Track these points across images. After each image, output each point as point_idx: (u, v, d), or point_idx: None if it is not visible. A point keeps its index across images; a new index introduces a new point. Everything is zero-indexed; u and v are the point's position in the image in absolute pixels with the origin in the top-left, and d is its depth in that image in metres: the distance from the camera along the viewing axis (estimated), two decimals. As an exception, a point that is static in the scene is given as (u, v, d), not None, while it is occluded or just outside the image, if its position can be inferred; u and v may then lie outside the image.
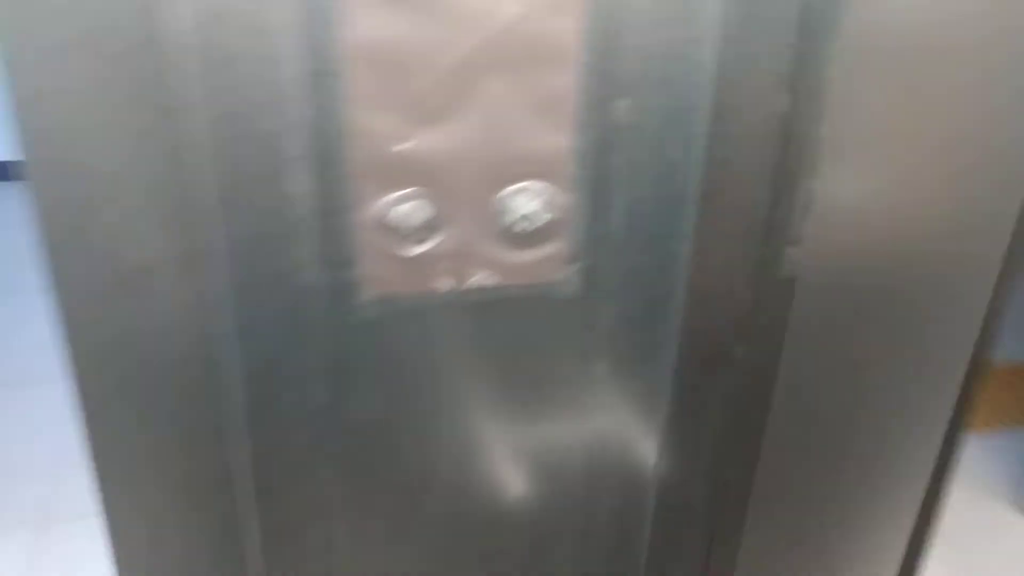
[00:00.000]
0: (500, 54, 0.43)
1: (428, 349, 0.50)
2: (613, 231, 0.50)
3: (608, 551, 0.63)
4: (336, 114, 0.43)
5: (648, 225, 0.50)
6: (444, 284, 0.48)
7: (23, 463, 2.07)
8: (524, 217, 0.47)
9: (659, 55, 0.46)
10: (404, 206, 0.46)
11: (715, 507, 0.62)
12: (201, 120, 0.41)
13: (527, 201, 0.47)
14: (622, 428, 0.58)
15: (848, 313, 0.55)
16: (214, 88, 0.41)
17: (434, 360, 0.51)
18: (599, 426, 0.57)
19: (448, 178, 0.46)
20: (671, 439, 0.59)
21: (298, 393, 0.49)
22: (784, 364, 0.55)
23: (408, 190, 0.45)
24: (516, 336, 0.52)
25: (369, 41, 0.41)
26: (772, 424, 0.57)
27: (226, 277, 0.45)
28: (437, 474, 0.55)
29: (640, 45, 0.45)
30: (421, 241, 0.47)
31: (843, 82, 0.47)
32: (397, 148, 0.44)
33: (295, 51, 0.41)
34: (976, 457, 2.01)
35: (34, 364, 2.45)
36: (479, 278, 0.49)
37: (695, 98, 0.48)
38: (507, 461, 0.56)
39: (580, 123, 0.46)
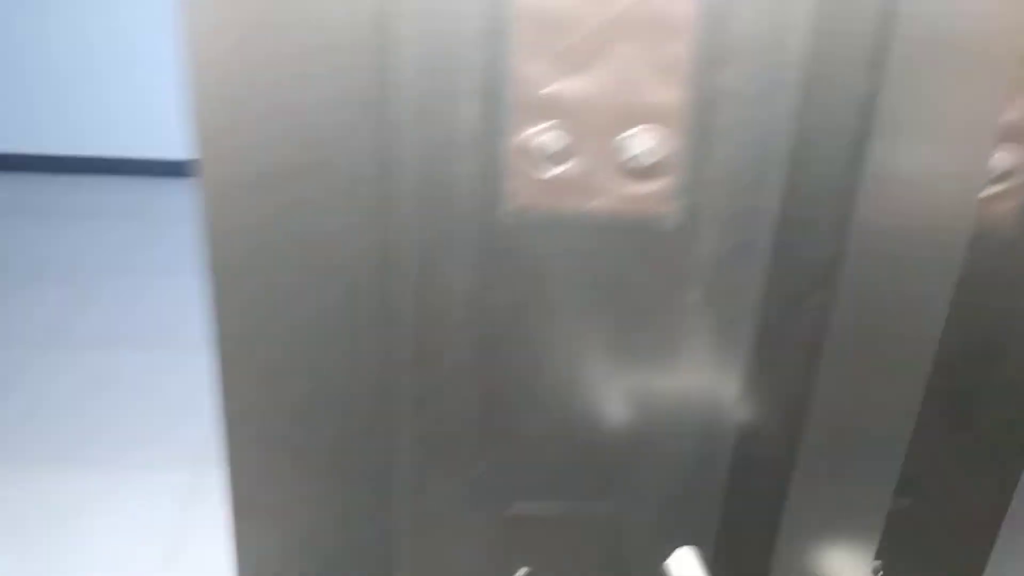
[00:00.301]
0: (632, 22, 0.56)
1: (552, 258, 0.63)
2: (713, 176, 0.61)
3: (690, 472, 0.73)
4: (502, 60, 0.57)
5: (743, 174, 0.61)
6: (570, 204, 0.61)
7: (187, 415, 2.35)
8: (639, 155, 0.60)
9: (760, 33, 0.57)
10: (544, 136, 0.59)
11: (790, 440, 0.70)
12: (406, 57, 0.56)
13: (643, 142, 0.59)
14: (707, 356, 0.68)
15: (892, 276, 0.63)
16: (418, 32, 0.56)
17: (555, 268, 0.63)
18: (688, 350, 0.67)
19: (581, 117, 0.59)
20: (751, 374, 0.68)
21: (449, 281, 0.63)
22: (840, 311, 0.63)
23: (549, 123, 0.59)
24: (624, 258, 0.64)
25: (532, 6, 0.55)
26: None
27: (409, 182, 0.60)
28: (548, 365, 0.67)
29: (744, 24, 0.57)
30: (555, 166, 0.60)
31: (904, 68, 0.56)
32: (544, 91, 0.58)
33: (478, 10, 0.55)
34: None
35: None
36: (598, 203, 0.61)
37: (788, 73, 0.59)
38: (605, 368, 0.68)
39: (691, 83, 0.58)
